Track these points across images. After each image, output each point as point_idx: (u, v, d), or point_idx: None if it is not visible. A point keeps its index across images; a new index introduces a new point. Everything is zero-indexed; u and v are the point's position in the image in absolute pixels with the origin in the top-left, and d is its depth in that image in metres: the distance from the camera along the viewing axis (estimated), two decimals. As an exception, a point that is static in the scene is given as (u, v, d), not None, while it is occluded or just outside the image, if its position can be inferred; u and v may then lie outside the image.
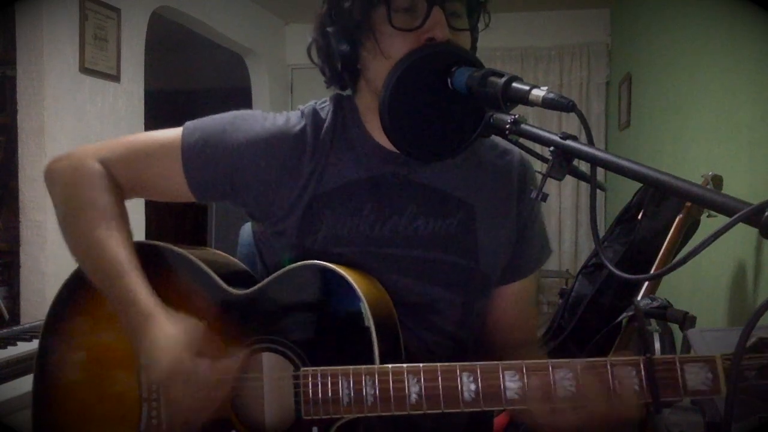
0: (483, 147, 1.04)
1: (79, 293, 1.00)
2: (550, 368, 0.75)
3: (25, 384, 1.48)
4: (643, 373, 0.73)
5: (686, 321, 1.76)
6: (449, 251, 0.98)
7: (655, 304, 1.85)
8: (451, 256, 0.98)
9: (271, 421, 0.90)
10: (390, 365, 0.81)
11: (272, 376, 0.91)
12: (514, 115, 0.78)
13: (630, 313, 1.87)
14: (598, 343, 2.17)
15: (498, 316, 1.08)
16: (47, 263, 3.05)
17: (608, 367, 0.74)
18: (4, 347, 1.66)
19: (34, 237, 3.07)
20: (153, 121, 3.64)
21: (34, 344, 1.67)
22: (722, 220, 0.59)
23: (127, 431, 0.95)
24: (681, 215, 2.08)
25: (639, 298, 1.93)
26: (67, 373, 1.01)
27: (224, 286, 0.96)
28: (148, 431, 0.94)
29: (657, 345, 2.08)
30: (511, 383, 0.76)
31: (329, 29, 0.94)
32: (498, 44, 5.15)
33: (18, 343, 1.70)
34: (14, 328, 1.85)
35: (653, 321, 2.06)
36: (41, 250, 3.06)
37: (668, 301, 1.89)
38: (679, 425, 1.59)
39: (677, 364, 0.72)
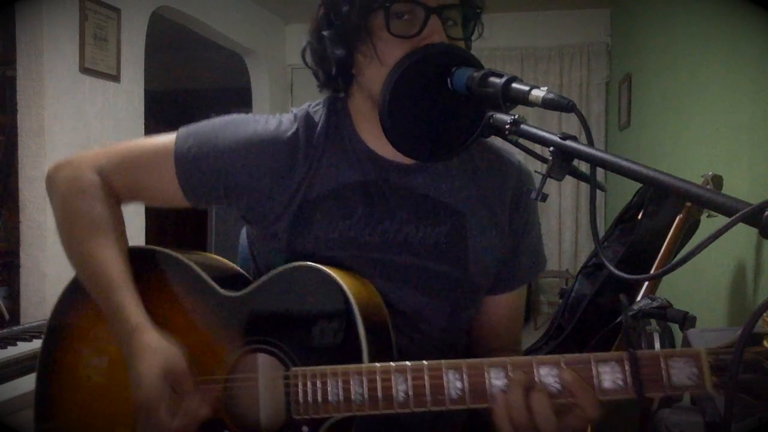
0: (479, 155, 1.03)
1: (80, 296, 1.01)
2: (534, 364, 0.75)
3: (25, 384, 1.48)
4: (627, 368, 0.72)
5: (686, 321, 1.76)
6: (439, 259, 0.98)
7: (655, 304, 1.85)
8: (440, 264, 0.98)
9: (263, 421, 0.91)
10: (378, 364, 0.81)
11: (263, 377, 0.91)
12: (514, 116, 0.78)
13: (630, 314, 1.87)
14: (598, 343, 2.17)
15: (485, 326, 1.08)
16: (47, 263, 3.06)
17: (592, 362, 0.74)
18: (4, 347, 1.66)
19: (34, 237, 3.07)
20: (153, 121, 3.64)
21: (34, 344, 1.68)
22: (722, 220, 0.59)
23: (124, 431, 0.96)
24: (681, 215, 2.08)
25: (639, 298, 1.93)
26: (68, 375, 1.02)
27: (217, 288, 0.96)
28: None
29: (657, 345, 2.08)
30: (496, 380, 0.76)
31: (325, 33, 0.94)
32: (498, 44, 5.15)
33: (18, 343, 1.70)
34: (14, 328, 1.86)
35: (653, 321, 2.06)
36: (41, 250, 3.06)
37: (668, 301, 1.89)
38: (679, 425, 1.59)
39: (661, 359, 0.71)
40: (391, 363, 0.81)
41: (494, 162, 1.04)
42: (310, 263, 0.89)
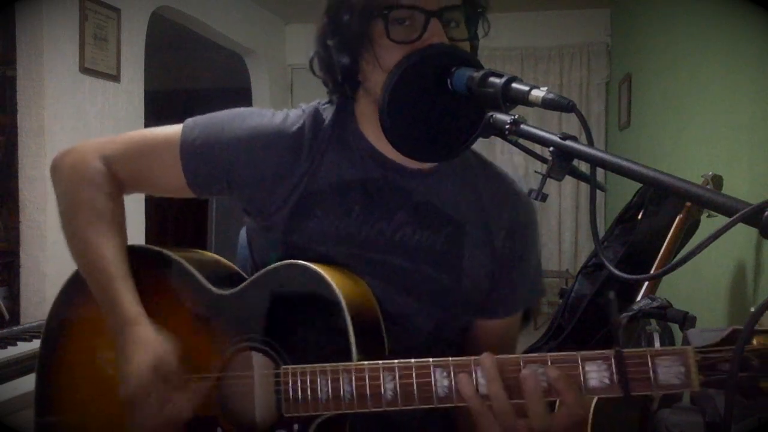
0: (483, 174, 1.03)
1: (78, 293, 1.01)
2: (522, 363, 0.75)
3: (25, 384, 1.49)
4: (613, 366, 0.72)
5: (686, 321, 1.76)
6: (433, 265, 0.97)
7: (655, 304, 1.85)
8: (433, 270, 0.97)
9: (255, 419, 0.91)
10: (366, 362, 0.81)
11: (256, 375, 0.92)
12: (514, 116, 0.78)
13: (630, 313, 1.87)
14: (598, 343, 2.18)
15: (474, 348, 1.05)
16: (47, 263, 3.06)
17: (579, 361, 0.74)
18: (4, 347, 1.66)
19: (34, 237, 3.07)
20: (153, 122, 3.64)
21: (34, 344, 1.68)
22: (722, 220, 0.59)
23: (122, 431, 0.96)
24: (681, 215, 2.08)
25: (639, 298, 1.93)
26: (67, 373, 1.02)
27: (209, 286, 0.97)
28: None
29: (657, 345, 2.08)
30: (483, 379, 0.76)
31: (329, 42, 0.94)
32: (498, 44, 5.15)
33: (18, 343, 1.71)
34: (14, 328, 1.86)
35: (653, 321, 2.06)
36: (41, 250, 3.06)
37: (668, 301, 1.89)
38: (679, 425, 1.59)
39: (648, 357, 0.71)
40: (379, 361, 0.81)
41: (498, 185, 1.04)
42: (298, 261, 0.90)
